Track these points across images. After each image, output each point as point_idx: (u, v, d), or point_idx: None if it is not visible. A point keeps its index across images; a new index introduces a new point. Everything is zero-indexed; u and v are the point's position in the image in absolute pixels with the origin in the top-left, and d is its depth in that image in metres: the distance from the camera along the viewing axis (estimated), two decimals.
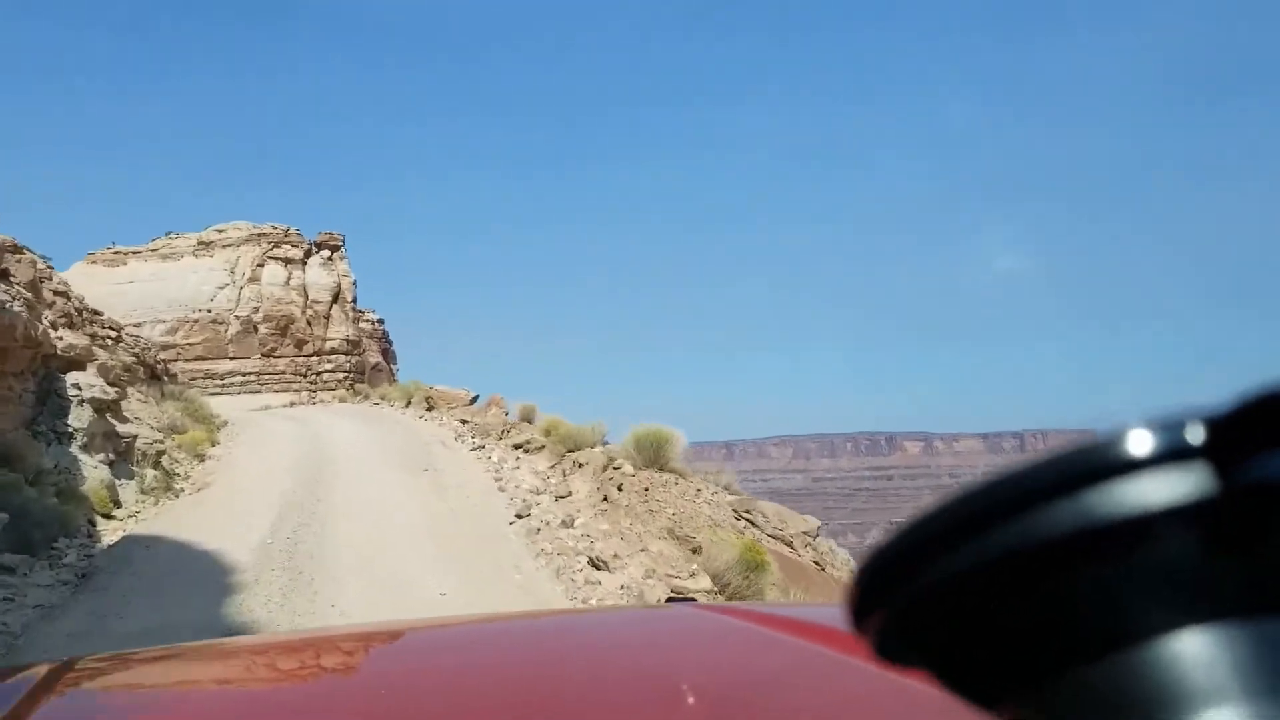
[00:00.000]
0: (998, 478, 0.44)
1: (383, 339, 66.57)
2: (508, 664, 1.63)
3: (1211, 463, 0.42)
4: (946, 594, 0.45)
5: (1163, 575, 0.42)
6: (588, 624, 2.19)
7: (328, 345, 56.16)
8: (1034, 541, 0.43)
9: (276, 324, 55.10)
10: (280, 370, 54.62)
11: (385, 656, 1.88)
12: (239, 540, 10.19)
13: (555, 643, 1.86)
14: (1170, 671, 0.42)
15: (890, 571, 0.47)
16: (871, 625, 0.48)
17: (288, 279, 56.31)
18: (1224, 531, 0.42)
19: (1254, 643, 0.42)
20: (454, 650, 1.84)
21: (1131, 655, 0.42)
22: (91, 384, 14.31)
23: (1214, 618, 0.42)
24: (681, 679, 1.41)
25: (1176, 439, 0.42)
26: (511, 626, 2.18)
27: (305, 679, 1.71)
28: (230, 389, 52.21)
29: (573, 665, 1.62)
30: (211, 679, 1.73)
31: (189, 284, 55.00)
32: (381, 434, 21.43)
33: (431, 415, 25.76)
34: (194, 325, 54.06)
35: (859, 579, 0.48)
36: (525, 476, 13.92)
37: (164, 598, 8.16)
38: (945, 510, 0.45)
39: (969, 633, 0.46)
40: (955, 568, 0.44)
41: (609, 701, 1.37)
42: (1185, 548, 0.42)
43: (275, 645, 2.08)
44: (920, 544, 0.45)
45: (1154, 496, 0.42)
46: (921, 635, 0.47)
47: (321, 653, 1.89)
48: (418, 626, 2.23)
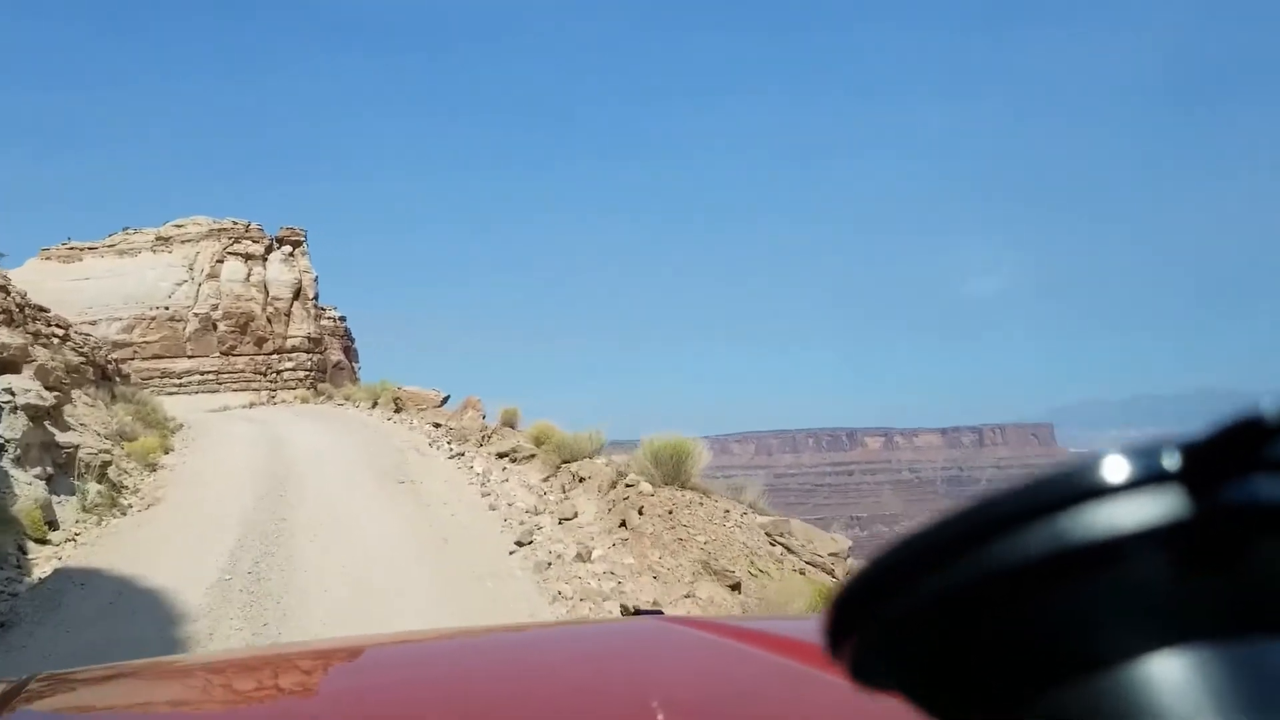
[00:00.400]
0: (974, 503, 0.45)
1: (345, 337, 65.75)
2: (472, 679, 1.61)
3: (1187, 487, 0.42)
4: (922, 617, 0.46)
5: (1138, 598, 0.43)
6: (554, 638, 2.17)
7: (288, 343, 55.21)
8: (1010, 565, 0.43)
9: (236, 321, 53.99)
10: (239, 369, 53.60)
11: (348, 673, 1.83)
12: (191, 575, 8.77)
13: (520, 657, 1.82)
14: (1145, 694, 0.42)
15: (866, 596, 0.47)
16: (846, 650, 0.49)
17: (248, 275, 55.25)
18: (1199, 554, 0.42)
19: (1228, 665, 0.42)
20: (418, 666, 1.81)
21: (1106, 678, 0.43)
22: (26, 388, 12.71)
23: (1189, 640, 0.43)
24: (650, 692, 1.41)
25: (1153, 464, 0.42)
26: (475, 642, 2.17)
27: (265, 697, 1.66)
28: (188, 389, 51.41)
29: (539, 679, 1.60)
30: (179, 698, 1.71)
31: (146, 280, 53.71)
32: (348, 438, 20.12)
33: (400, 418, 24.38)
34: (151, 323, 52.77)
35: (835, 604, 0.48)
36: (517, 491, 12.53)
37: (96, 660, 6.59)
38: (922, 535, 0.45)
39: (944, 656, 0.46)
40: (932, 591, 0.45)
41: (579, 715, 1.35)
42: (1161, 571, 0.43)
43: (240, 662, 2.04)
44: (897, 568, 0.46)
45: (1130, 520, 0.42)
46: (896, 659, 0.48)
47: (283, 670, 1.85)
48: (381, 642, 2.22)
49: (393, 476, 14.36)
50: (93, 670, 1.99)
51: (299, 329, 55.56)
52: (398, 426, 22.46)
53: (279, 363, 54.39)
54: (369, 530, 10.58)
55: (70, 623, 7.52)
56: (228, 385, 52.58)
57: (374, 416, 25.82)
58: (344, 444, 18.96)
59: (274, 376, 53.77)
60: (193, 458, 18.04)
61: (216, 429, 24.12)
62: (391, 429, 22.02)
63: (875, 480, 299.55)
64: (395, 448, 18.03)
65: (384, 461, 16.09)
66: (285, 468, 15.83)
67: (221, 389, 51.97)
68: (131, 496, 13.40)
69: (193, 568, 9.00)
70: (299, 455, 17.43)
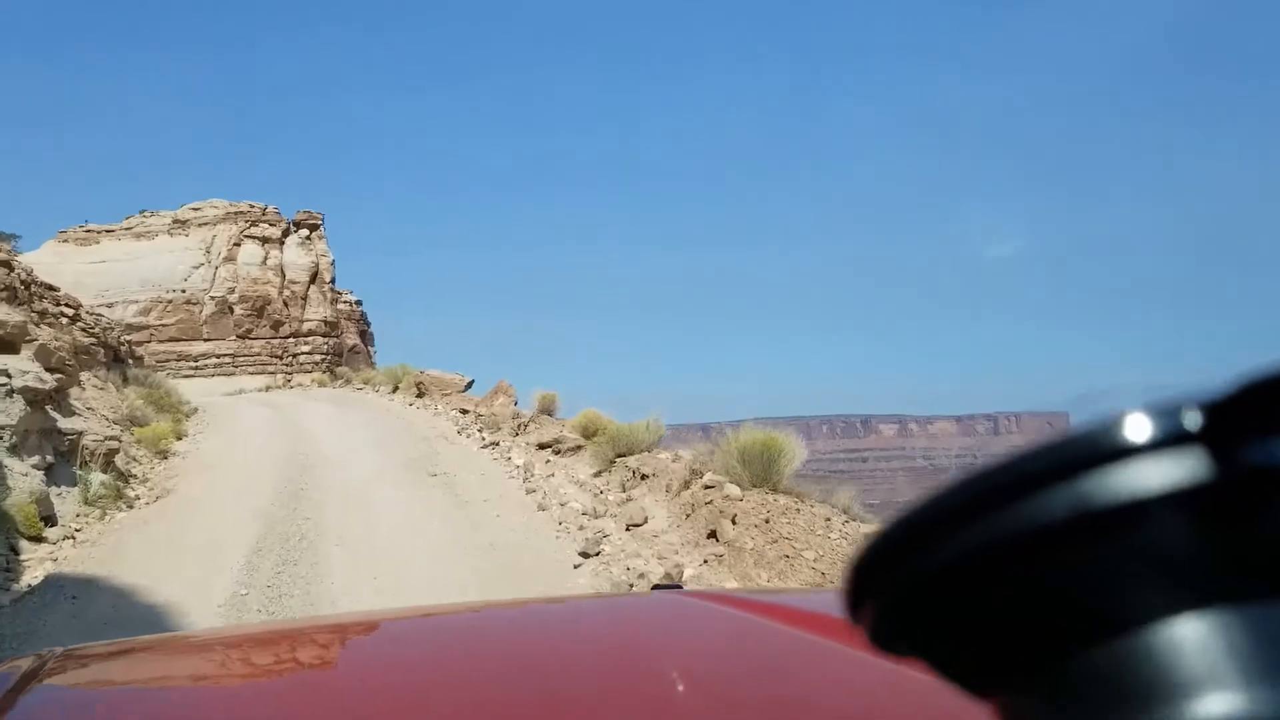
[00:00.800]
0: (993, 465, 0.44)
1: (360, 320, 65.16)
2: (493, 651, 1.64)
3: (1208, 448, 0.41)
4: (941, 581, 0.45)
5: (1159, 561, 0.42)
6: (573, 611, 2.14)
7: (305, 327, 54.75)
8: (1030, 528, 0.43)
9: (252, 305, 53.65)
10: (256, 352, 53.10)
11: (370, 646, 1.83)
12: (201, 587, 7.55)
13: (541, 630, 1.83)
14: (1167, 657, 0.42)
15: (885, 559, 0.46)
16: (866, 613, 0.48)
17: (264, 258, 54.77)
18: (1220, 516, 0.42)
19: (1250, 628, 0.42)
20: (439, 638, 1.82)
21: (1128, 641, 0.42)
22: (25, 369, 11.51)
23: (1210, 603, 0.42)
24: (670, 664, 1.43)
25: (1174, 424, 0.42)
26: (496, 615, 2.16)
27: (285, 671, 1.67)
28: (204, 372, 50.99)
29: (559, 651, 1.60)
30: (197, 672, 1.71)
31: (163, 263, 53.46)
32: (370, 425, 19.00)
33: (423, 403, 23.02)
34: (168, 306, 52.46)
35: (854, 567, 0.47)
36: (567, 489, 11.12)
37: None
38: (941, 497, 0.45)
39: (964, 620, 0.46)
40: (950, 554, 0.44)
41: (598, 688, 1.35)
42: (1182, 533, 0.42)
43: (261, 636, 2.01)
44: (916, 531, 0.45)
45: (1151, 481, 0.41)
46: (916, 623, 0.47)
47: (303, 644, 1.84)
48: (401, 616, 2.23)
49: (423, 468, 13.13)
50: (113, 644, 1.95)
51: (315, 312, 55.07)
52: (421, 412, 21.23)
53: (295, 346, 53.95)
54: (402, 532, 9.32)
55: None
56: (244, 368, 52.22)
57: (395, 402, 24.51)
58: (366, 431, 17.95)
59: (290, 360, 53.35)
60: (207, 444, 16.99)
61: (232, 413, 23.11)
62: (415, 415, 20.72)
63: (890, 467, 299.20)
64: (421, 435, 16.83)
65: (411, 451, 14.97)
66: (305, 456, 14.79)
67: (238, 372, 51.65)
68: (139, 487, 12.41)
69: (203, 578, 7.85)
70: (318, 443, 16.40)
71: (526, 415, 16.67)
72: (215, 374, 51.22)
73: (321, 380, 41.98)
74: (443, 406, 21.33)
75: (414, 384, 25.78)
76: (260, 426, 19.59)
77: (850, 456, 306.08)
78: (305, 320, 54.69)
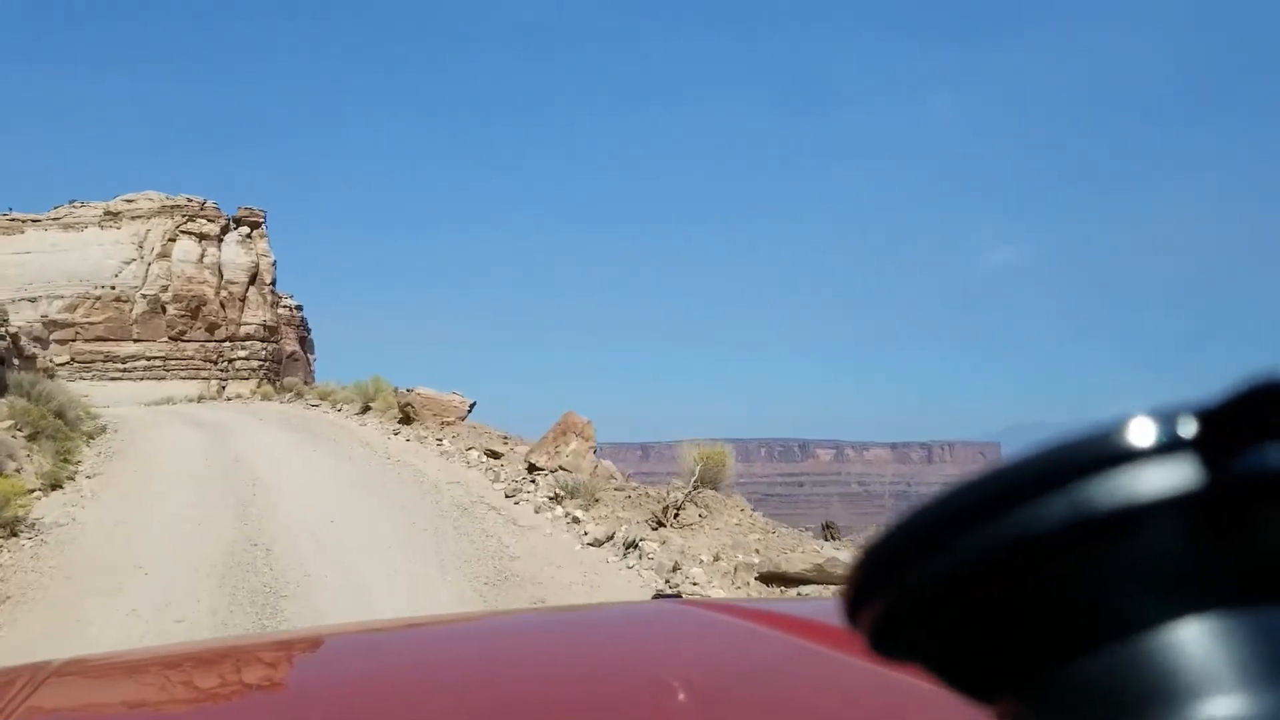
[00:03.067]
0: (990, 472, 0.45)
1: (301, 326, 62.88)
2: (492, 661, 1.63)
3: (1203, 455, 0.42)
4: (941, 587, 0.45)
5: (1156, 567, 0.43)
6: (573, 620, 2.15)
7: (242, 330, 52.60)
8: (1027, 534, 0.43)
9: (187, 305, 51.26)
10: (189, 356, 50.81)
11: (374, 656, 1.78)
12: None
13: (541, 639, 1.82)
14: (1166, 662, 0.42)
15: (885, 565, 0.47)
16: (865, 619, 0.48)
17: (201, 256, 52.36)
18: (1216, 522, 0.42)
19: (1248, 632, 0.42)
20: (438, 649, 1.81)
21: (1127, 646, 0.43)
22: None
23: (1207, 608, 0.43)
24: (669, 673, 1.42)
25: (1169, 431, 0.42)
26: (496, 624, 2.21)
27: (289, 684, 1.67)
28: (132, 375, 48.70)
29: (561, 661, 1.61)
30: (201, 686, 1.68)
31: (92, 257, 51.02)
32: (351, 468, 13.42)
33: (414, 433, 17.36)
34: (95, 303, 49.99)
35: (854, 573, 0.48)
36: None
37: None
38: (939, 504, 0.45)
39: (963, 627, 0.46)
40: (949, 561, 0.45)
41: (599, 698, 1.36)
42: (1178, 539, 0.43)
43: (272, 645, 1.97)
44: (914, 538, 0.46)
45: (1147, 488, 0.42)
46: (916, 629, 0.47)
47: (310, 656, 1.83)
48: (398, 627, 2.26)
49: (495, 582, 7.95)
50: (117, 657, 1.95)
51: (254, 315, 52.98)
52: (421, 450, 15.42)
53: (231, 351, 51.75)
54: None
55: None
56: (175, 372, 49.97)
57: (371, 429, 18.90)
58: (351, 482, 12.42)
59: (225, 365, 51.21)
60: (91, 513, 10.48)
61: (151, 439, 17.35)
62: (414, 455, 14.92)
63: (825, 492, 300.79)
64: (454, 501, 11.00)
65: (451, 536, 9.36)
66: (266, 538, 9.21)
67: (169, 376, 49.42)
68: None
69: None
70: (283, 503, 10.73)
71: (626, 479, 11.32)
72: (144, 377, 48.83)
73: (265, 392, 38.50)
74: (451, 443, 15.76)
75: (396, 405, 19.93)
76: (187, 464, 13.90)
77: (787, 480, 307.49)
78: (243, 323, 52.42)
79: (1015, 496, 0.43)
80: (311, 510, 10.53)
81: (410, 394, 19.27)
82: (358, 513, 10.42)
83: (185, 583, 7.85)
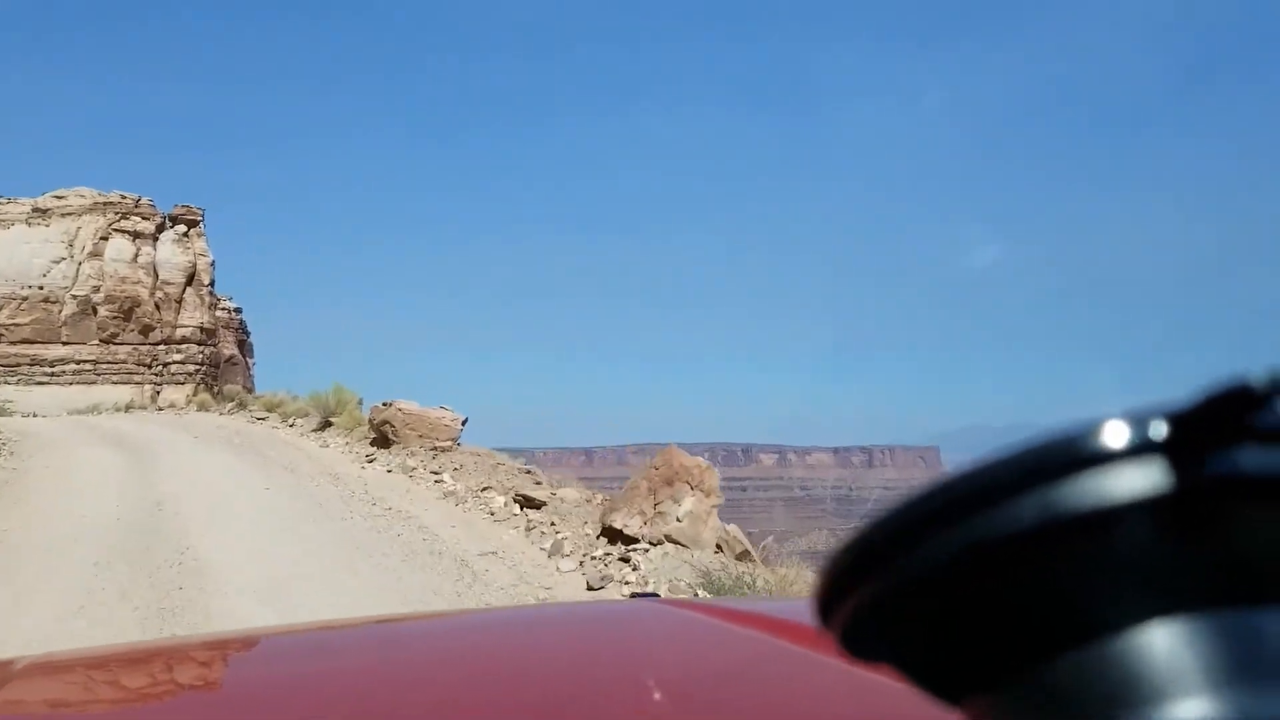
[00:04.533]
0: (963, 472, 0.45)
1: (240, 330, 61.15)
2: (469, 658, 1.62)
3: (1174, 458, 0.43)
4: (912, 588, 0.46)
5: (1126, 569, 0.43)
6: (550, 618, 2.11)
7: (178, 333, 50.57)
8: (999, 535, 0.43)
9: (119, 306, 48.80)
10: (121, 360, 48.62)
11: (354, 653, 1.76)
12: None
13: (519, 637, 1.81)
14: (1136, 663, 0.42)
15: (857, 566, 0.47)
16: (838, 620, 0.48)
17: (135, 255, 50.18)
18: (1186, 525, 0.43)
19: (1216, 635, 0.43)
20: (416, 645, 1.79)
21: (1098, 647, 0.43)
22: None
23: (1177, 610, 0.43)
24: (646, 673, 1.42)
25: (1141, 434, 0.43)
26: (474, 620, 2.19)
27: (262, 680, 1.58)
28: (60, 379, 46.54)
29: (538, 660, 1.60)
30: (176, 680, 1.64)
31: (19, 256, 48.33)
32: (336, 533, 9.20)
33: (392, 459, 14.09)
34: (22, 304, 47.42)
35: (826, 574, 0.48)
36: None
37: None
38: (911, 505, 0.45)
39: (934, 627, 0.46)
40: (920, 562, 0.45)
41: (576, 696, 1.36)
42: (1149, 541, 0.43)
43: (243, 641, 1.97)
44: (886, 538, 0.46)
45: (1118, 490, 0.42)
46: (888, 630, 0.48)
47: (280, 650, 1.79)
48: (374, 621, 2.29)
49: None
50: (85, 654, 1.86)
51: (191, 318, 50.90)
52: (413, 488, 12.00)
53: (166, 354, 49.69)
54: None
55: None
56: (106, 376, 47.75)
57: (336, 451, 15.75)
58: (331, 549, 8.58)
59: (160, 369, 49.18)
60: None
61: (54, 464, 13.63)
62: (404, 496, 11.36)
63: (768, 497, 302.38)
64: (503, 591, 7.64)
65: None
66: None
67: (99, 380, 47.25)
68: None
69: None
70: (231, 603, 6.95)
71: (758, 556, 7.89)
72: (74, 382, 46.68)
73: (203, 401, 35.14)
74: (455, 478, 12.13)
75: (369, 423, 16.27)
76: (90, 523, 9.61)
77: (730, 485, 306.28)
78: (179, 326, 50.39)
79: (987, 498, 0.43)
80: (282, 618, 6.59)
81: (389, 409, 15.59)
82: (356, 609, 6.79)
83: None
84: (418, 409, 15.47)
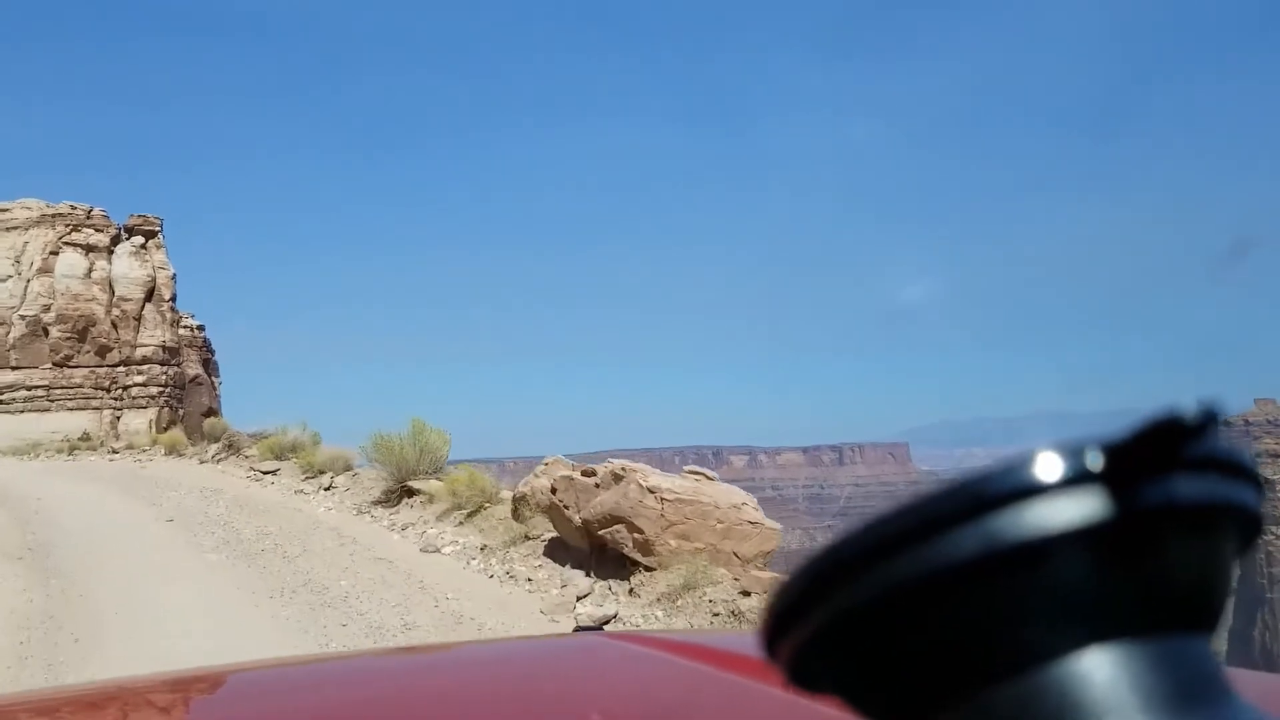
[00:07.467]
0: (904, 504, 0.46)
1: (204, 348, 56.95)
2: (409, 697, 1.56)
3: (1109, 487, 0.44)
4: (854, 621, 0.46)
5: (1064, 597, 0.44)
6: (492, 654, 2.05)
7: (139, 353, 46.69)
8: (939, 567, 0.44)
9: (73, 325, 45.12)
10: (77, 384, 44.80)
11: (305, 691, 1.70)
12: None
13: (464, 675, 1.76)
14: (1072, 692, 0.44)
15: (799, 599, 0.48)
16: (782, 652, 0.49)
17: (89, 270, 46.40)
18: (1121, 553, 0.44)
19: (1153, 661, 0.44)
20: (356, 685, 1.74)
21: (1037, 675, 0.44)
22: None
23: (1114, 637, 0.44)
24: (589, 707, 1.40)
25: (1077, 464, 0.44)
26: (414, 660, 2.17)
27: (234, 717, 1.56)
28: (11, 407, 42.84)
29: (477, 696, 1.56)
30: None
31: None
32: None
33: (483, 549, 10.16)
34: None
35: (769, 607, 0.49)
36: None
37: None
38: (851, 539, 0.46)
39: (878, 658, 0.47)
40: (862, 595, 0.46)
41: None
42: (1085, 570, 0.44)
43: (203, 679, 1.88)
44: (827, 572, 0.47)
45: (1054, 520, 0.44)
46: (831, 661, 0.48)
47: (236, 691, 1.75)
48: (314, 660, 2.26)
49: None
50: (49, 693, 1.85)
51: (152, 336, 47.09)
52: None
53: (127, 376, 45.86)
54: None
55: None
56: (61, 403, 44.10)
57: (368, 523, 11.32)
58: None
59: (120, 393, 45.28)
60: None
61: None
62: None
63: None
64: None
65: None
66: None
67: (54, 407, 43.63)
68: None
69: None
70: None
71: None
72: (26, 409, 42.86)
73: (173, 440, 26.09)
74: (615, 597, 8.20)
75: (482, 490, 10.50)
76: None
77: None
78: (139, 345, 46.60)
79: (925, 531, 0.44)
80: None
81: (632, 480, 8.38)
82: None
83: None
84: (690, 487, 8.42)
